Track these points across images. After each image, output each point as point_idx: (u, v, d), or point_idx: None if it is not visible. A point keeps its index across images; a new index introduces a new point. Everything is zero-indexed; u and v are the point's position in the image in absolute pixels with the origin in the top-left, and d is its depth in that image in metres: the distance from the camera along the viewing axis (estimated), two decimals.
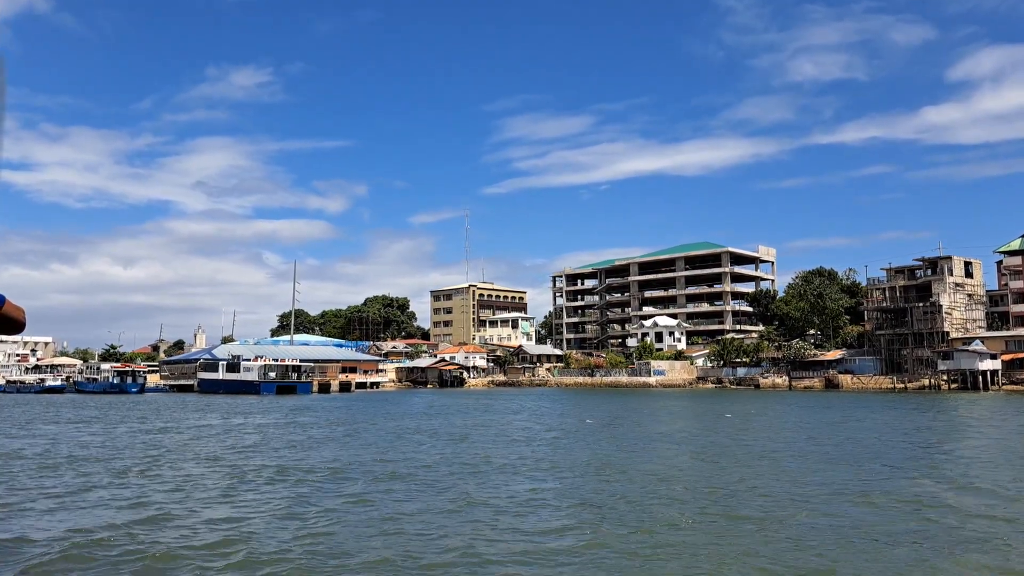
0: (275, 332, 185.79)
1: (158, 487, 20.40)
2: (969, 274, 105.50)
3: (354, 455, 28.06)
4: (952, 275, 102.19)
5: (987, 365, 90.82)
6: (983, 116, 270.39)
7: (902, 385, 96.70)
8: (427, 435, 36.28)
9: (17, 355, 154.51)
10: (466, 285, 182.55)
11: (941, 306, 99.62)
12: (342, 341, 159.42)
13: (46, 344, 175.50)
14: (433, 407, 64.66)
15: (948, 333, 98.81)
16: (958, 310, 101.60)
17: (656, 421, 46.00)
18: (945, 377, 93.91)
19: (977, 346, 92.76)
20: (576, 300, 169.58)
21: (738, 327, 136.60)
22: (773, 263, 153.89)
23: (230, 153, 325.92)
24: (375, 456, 27.71)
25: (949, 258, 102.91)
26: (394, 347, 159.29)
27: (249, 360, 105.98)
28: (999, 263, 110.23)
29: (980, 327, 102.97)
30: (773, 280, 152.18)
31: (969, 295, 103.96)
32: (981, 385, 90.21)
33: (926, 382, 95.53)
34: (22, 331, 3.36)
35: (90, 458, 27.43)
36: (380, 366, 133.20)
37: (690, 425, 43.02)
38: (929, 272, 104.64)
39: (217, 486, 20.69)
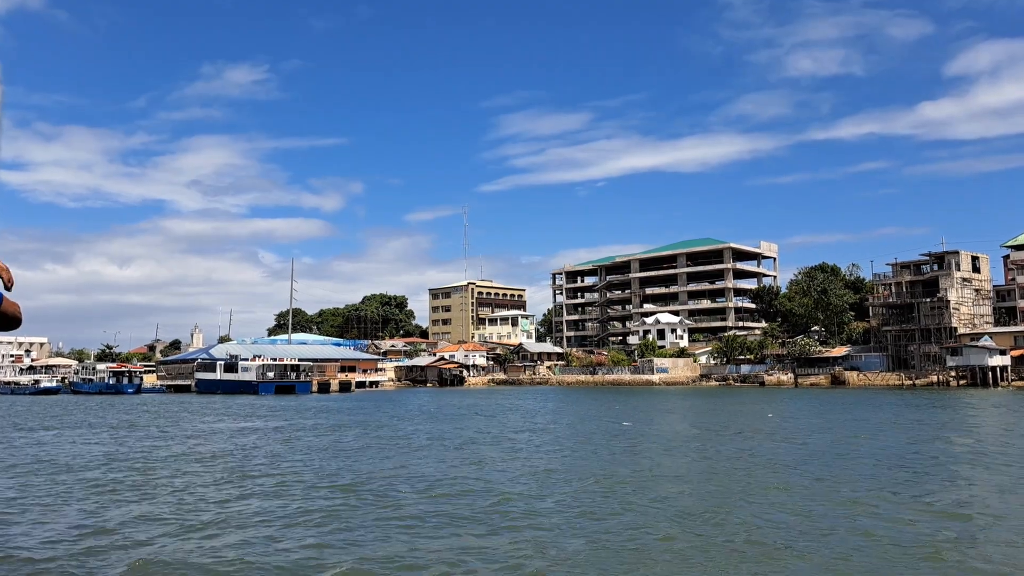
0: (272, 331, 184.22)
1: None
2: (976, 269, 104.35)
3: (438, 473, 23.47)
4: (959, 270, 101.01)
5: (997, 361, 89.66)
6: (980, 111, 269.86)
7: (910, 382, 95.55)
8: (483, 444, 32.33)
9: (11, 356, 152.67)
10: (465, 283, 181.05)
11: (949, 301, 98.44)
12: (340, 340, 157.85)
13: (41, 345, 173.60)
14: (449, 407, 62.52)
15: (956, 329, 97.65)
16: (965, 305, 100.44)
17: (701, 423, 42.63)
18: (954, 373, 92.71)
19: (986, 342, 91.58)
20: (576, 297, 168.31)
21: (740, 324, 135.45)
22: (775, 259, 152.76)
23: (225, 151, 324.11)
24: (471, 475, 23.03)
25: (956, 252, 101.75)
26: (393, 346, 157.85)
27: (247, 360, 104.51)
28: (1005, 257, 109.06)
29: (987, 323, 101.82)
30: (775, 276, 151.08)
31: (976, 290, 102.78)
32: (991, 381, 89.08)
33: (934, 378, 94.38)
34: (19, 326, 3.09)
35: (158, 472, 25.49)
36: (379, 365, 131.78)
37: (750, 426, 40.12)
38: (935, 267, 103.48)
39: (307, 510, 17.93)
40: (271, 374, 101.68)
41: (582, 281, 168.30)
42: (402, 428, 41.39)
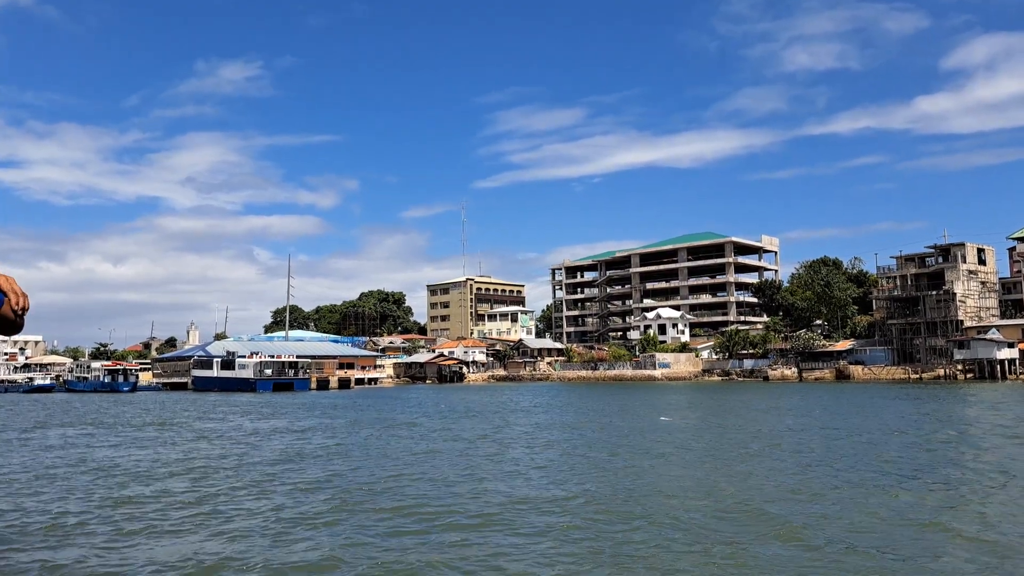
0: (269, 328, 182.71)
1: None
2: (982, 261, 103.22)
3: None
4: (965, 262, 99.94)
5: (1005, 354, 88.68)
6: (976, 105, 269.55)
7: (916, 375, 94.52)
8: (548, 447, 28.23)
9: (5, 354, 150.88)
10: (463, 279, 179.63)
11: (955, 294, 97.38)
12: (338, 337, 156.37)
13: (36, 343, 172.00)
14: (462, 404, 60.29)
15: (962, 322, 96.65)
16: (971, 298, 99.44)
17: (747, 419, 39.37)
18: (961, 367, 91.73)
19: (994, 334, 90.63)
20: (576, 293, 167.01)
21: (742, 318, 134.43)
22: (776, 253, 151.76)
23: (220, 148, 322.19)
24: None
25: (962, 245, 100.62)
26: (391, 342, 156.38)
27: (244, 357, 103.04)
28: (1011, 249, 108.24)
29: (993, 315, 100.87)
30: (777, 270, 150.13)
31: (982, 282, 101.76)
32: (999, 374, 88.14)
33: (941, 372, 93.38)
34: (20, 330, 2.92)
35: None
36: (378, 362, 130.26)
37: (812, 422, 36.95)
38: (940, 259, 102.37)
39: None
40: (269, 371, 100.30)
41: (581, 276, 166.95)
42: (441, 427, 37.91)
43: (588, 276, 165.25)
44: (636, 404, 55.67)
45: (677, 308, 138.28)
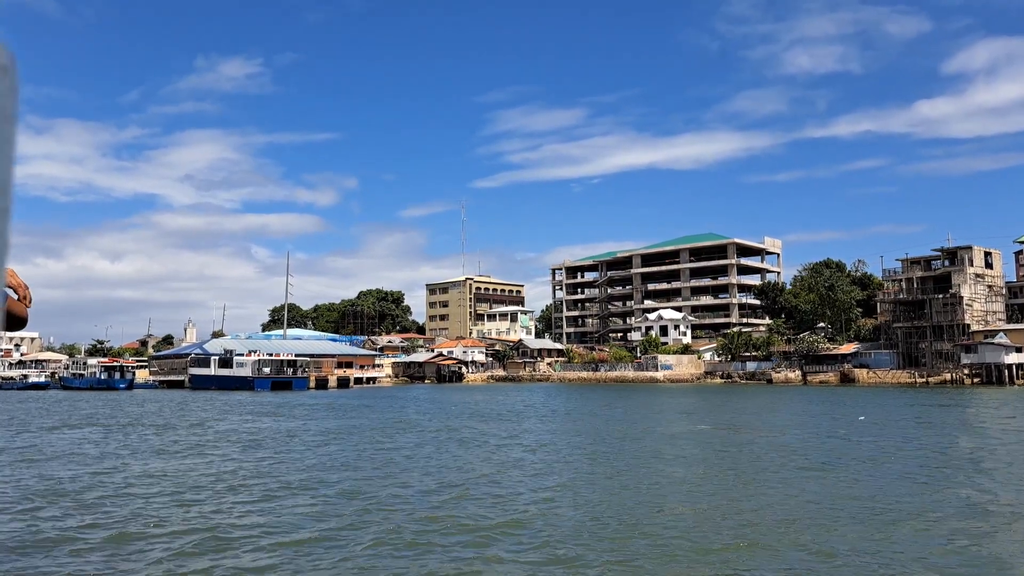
0: (266, 327, 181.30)
1: None
2: (988, 264, 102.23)
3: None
4: (972, 265, 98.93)
5: (1013, 358, 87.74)
6: (977, 110, 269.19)
7: (922, 379, 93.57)
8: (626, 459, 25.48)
9: (1, 350, 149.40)
10: (463, 278, 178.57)
11: (962, 297, 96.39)
12: (336, 335, 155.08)
13: (32, 340, 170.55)
14: (472, 404, 58.74)
15: (968, 326, 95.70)
16: (978, 302, 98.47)
17: (786, 427, 36.93)
18: (967, 371, 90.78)
19: (1001, 339, 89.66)
20: (576, 293, 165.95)
21: (744, 320, 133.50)
22: (779, 255, 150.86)
23: (219, 146, 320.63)
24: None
25: (969, 248, 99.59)
26: (390, 341, 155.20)
27: (242, 355, 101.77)
28: (1017, 253, 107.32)
29: (1000, 319, 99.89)
30: (779, 272, 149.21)
31: (989, 286, 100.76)
32: (1006, 379, 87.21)
33: (947, 376, 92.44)
34: (24, 326, 2.89)
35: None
36: (376, 361, 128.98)
37: (886, 433, 33.71)
38: (947, 263, 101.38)
39: None
40: (267, 369, 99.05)
41: (582, 277, 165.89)
42: (478, 430, 35.69)
43: (588, 276, 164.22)
44: (654, 409, 54.00)
45: (679, 309, 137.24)
